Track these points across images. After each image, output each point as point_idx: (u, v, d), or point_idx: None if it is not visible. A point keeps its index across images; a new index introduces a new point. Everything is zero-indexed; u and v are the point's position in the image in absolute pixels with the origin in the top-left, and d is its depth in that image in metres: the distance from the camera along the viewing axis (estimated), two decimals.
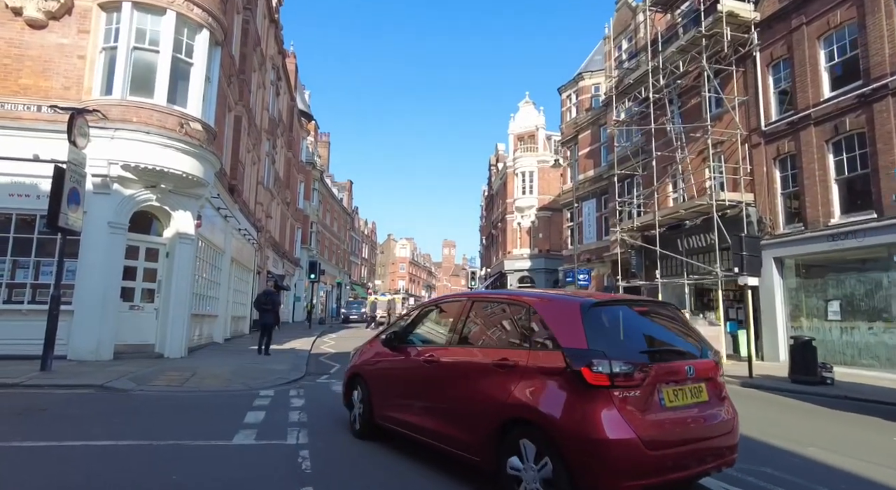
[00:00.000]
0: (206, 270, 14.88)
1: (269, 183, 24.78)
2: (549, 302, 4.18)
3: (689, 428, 3.65)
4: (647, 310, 4.46)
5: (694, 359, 3.92)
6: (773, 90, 15.92)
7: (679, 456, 3.56)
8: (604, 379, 3.42)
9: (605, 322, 3.90)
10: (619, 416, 3.38)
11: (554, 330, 3.82)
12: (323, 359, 14.32)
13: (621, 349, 3.72)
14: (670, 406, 3.62)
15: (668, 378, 3.68)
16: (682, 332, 4.24)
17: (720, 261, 15.97)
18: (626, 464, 3.33)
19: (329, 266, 47.72)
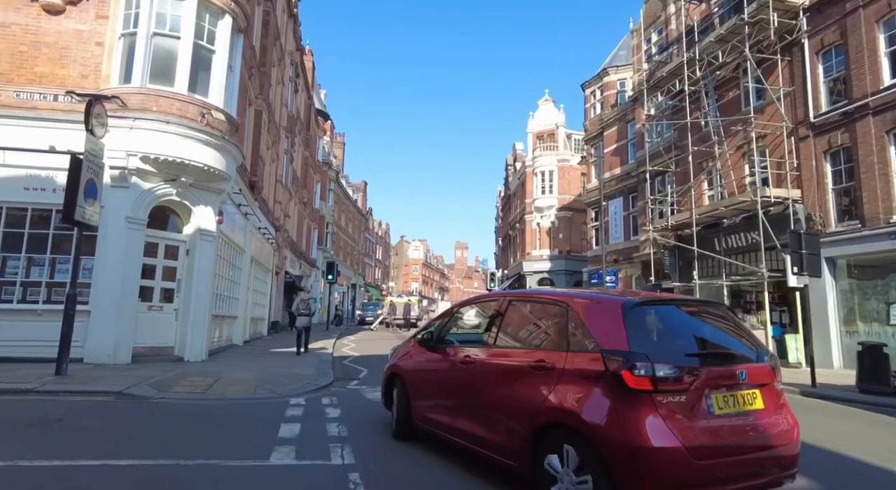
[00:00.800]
0: (225, 269, 14.30)
1: (287, 181, 24.24)
2: (589, 301, 3.93)
3: (741, 437, 3.36)
4: (696, 310, 4.20)
5: (747, 363, 3.64)
6: (823, 79, 14.99)
7: (730, 467, 3.27)
8: (646, 383, 3.21)
9: (648, 323, 3.69)
10: (662, 423, 3.16)
11: (593, 331, 3.62)
12: (347, 363, 13.64)
13: (665, 352, 3.47)
14: (720, 413, 3.35)
15: (717, 383, 3.41)
16: (735, 334, 3.95)
17: (765, 260, 15.03)
18: (669, 474, 3.11)
19: (344, 267, 47.20)
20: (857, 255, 13.84)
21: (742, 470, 3.32)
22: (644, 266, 22.90)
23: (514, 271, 41.18)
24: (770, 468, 3.43)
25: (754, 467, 3.38)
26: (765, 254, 15.52)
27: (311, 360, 12.81)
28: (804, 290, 14.80)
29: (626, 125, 26.22)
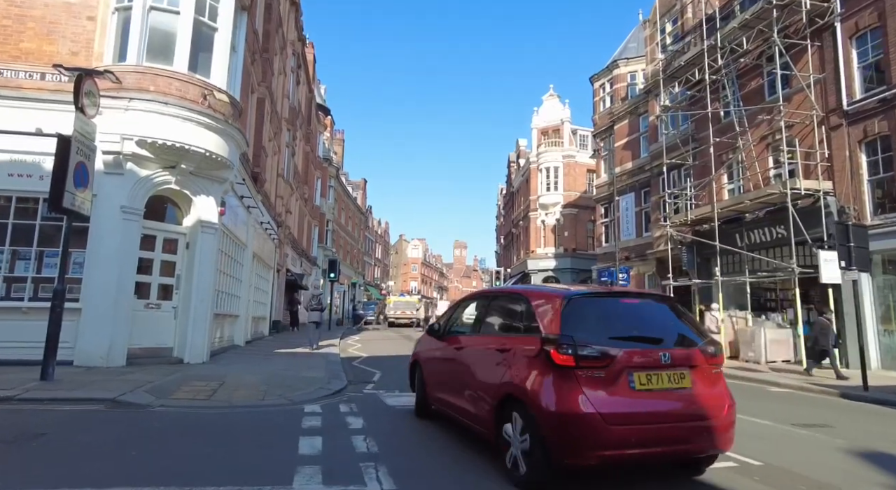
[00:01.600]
0: (227, 265, 13.46)
1: (288, 176, 23.40)
2: (540, 295, 4.61)
3: (662, 410, 3.87)
4: (637, 302, 4.73)
5: (674, 347, 4.14)
6: (858, 65, 14.24)
7: (647, 434, 3.78)
8: (570, 360, 3.83)
9: (583, 312, 4.24)
10: (582, 394, 3.75)
11: (539, 319, 4.29)
12: (357, 364, 12.83)
13: (592, 335, 4.00)
14: (642, 388, 3.88)
15: (639, 363, 3.94)
16: (671, 323, 4.45)
17: (795, 256, 14.28)
18: (585, 436, 3.69)
19: (344, 266, 46.31)
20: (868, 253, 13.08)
21: (660, 437, 3.84)
22: (659, 263, 22.16)
23: (519, 269, 40.42)
24: (694, 439, 3.94)
25: (675, 436, 3.88)
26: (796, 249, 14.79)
27: (319, 361, 12.00)
28: (838, 287, 14.18)
29: (637, 118, 25.47)
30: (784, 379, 11.27)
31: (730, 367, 13.47)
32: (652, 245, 22.69)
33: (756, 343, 15.19)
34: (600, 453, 3.71)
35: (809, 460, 4.88)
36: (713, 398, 4.05)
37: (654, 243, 22.40)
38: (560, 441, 3.76)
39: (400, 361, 13.23)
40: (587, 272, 36.61)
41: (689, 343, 4.23)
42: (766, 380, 11.26)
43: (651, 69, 23.34)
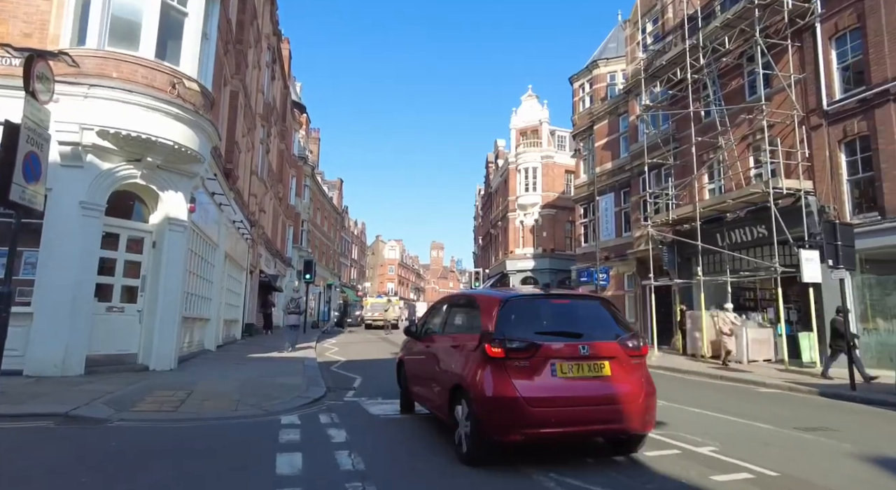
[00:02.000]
0: (197, 266, 12.76)
1: (262, 174, 22.63)
2: (485, 297, 5.33)
3: (576, 395, 4.44)
4: (568, 302, 5.35)
5: (594, 341, 4.65)
6: (837, 65, 14.34)
7: (564, 415, 4.36)
8: (500, 353, 4.44)
9: (517, 312, 4.89)
10: (508, 381, 4.37)
11: (482, 318, 4.92)
12: (335, 369, 12.29)
13: (521, 331, 4.59)
14: (563, 376, 4.46)
15: (560, 354, 4.51)
16: (597, 320, 5.00)
17: (777, 255, 14.28)
18: (508, 416, 4.30)
19: (320, 267, 45.40)
20: (876, 249, 13.17)
21: (578, 418, 4.43)
22: (639, 263, 22.13)
23: (497, 270, 40.21)
24: (611, 421, 4.49)
25: (592, 417, 4.46)
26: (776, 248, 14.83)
27: (295, 366, 11.42)
28: (818, 286, 14.23)
29: (617, 118, 25.48)
30: (770, 379, 11.17)
31: (713, 368, 13.38)
32: (632, 245, 22.67)
33: (738, 343, 15.16)
34: (524, 432, 4.34)
35: (824, 469, 4.62)
36: (630, 386, 4.59)
37: (635, 243, 22.38)
38: (490, 421, 4.38)
39: (380, 366, 12.78)
40: (566, 272, 36.60)
41: (610, 337, 4.79)
42: (752, 380, 11.14)
43: (632, 69, 23.34)
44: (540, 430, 4.33)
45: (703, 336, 16.22)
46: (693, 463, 4.61)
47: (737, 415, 7.10)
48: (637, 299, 22.58)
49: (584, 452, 5.00)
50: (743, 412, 7.32)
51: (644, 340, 5.01)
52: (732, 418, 6.86)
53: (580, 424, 4.46)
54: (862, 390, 9.64)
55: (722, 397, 9.05)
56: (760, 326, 15.73)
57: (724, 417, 6.93)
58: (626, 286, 24.16)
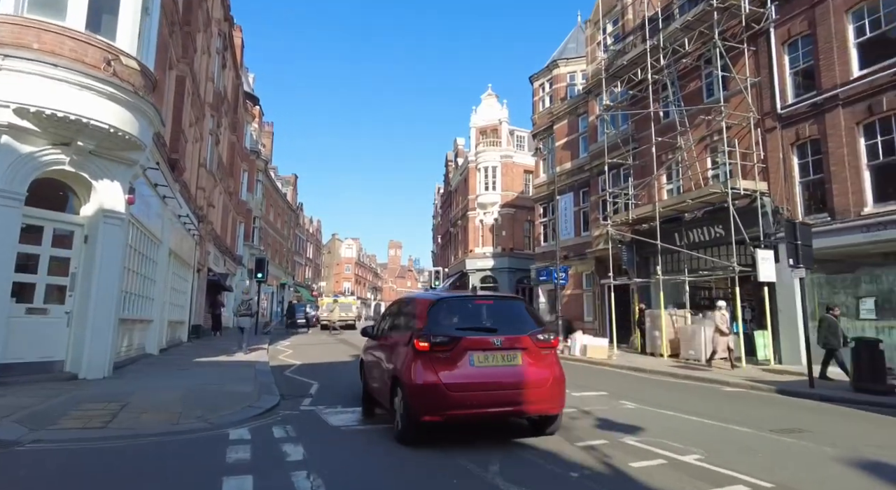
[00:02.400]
0: (138, 263, 11.73)
1: (211, 166, 21.39)
2: (419, 300, 6.14)
3: (490, 380, 5.20)
4: (489, 303, 6.12)
5: (507, 334, 5.39)
6: (790, 70, 14.73)
7: (480, 398, 5.15)
8: (426, 347, 5.23)
9: (443, 312, 5.68)
10: (433, 370, 5.14)
11: (416, 317, 5.66)
12: (290, 374, 11.56)
13: (444, 328, 5.38)
14: (479, 365, 5.24)
15: (476, 346, 5.28)
16: (513, 317, 5.77)
17: (736, 255, 14.55)
18: (432, 399, 5.09)
19: (273, 266, 43.84)
20: (826, 249, 13.53)
21: (492, 400, 5.13)
22: (598, 262, 22.29)
23: (457, 269, 39.92)
24: (522, 403, 5.21)
25: (505, 400, 5.17)
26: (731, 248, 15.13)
27: (246, 371, 10.64)
28: (772, 285, 14.59)
29: (577, 118, 25.60)
30: (732, 378, 11.26)
31: (674, 367, 13.45)
32: (591, 244, 22.80)
33: (696, 341, 15.36)
34: (445, 412, 5.06)
35: (817, 478, 4.43)
36: (540, 373, 5.35)
37: (594, 242, 22.52)
38: (417, 404, 5.09)
39: (338, 370, 12.13)
40: (525, 272, 36.70)
41: (523, 331, 5.52)
42: (715, 379, 11.20)
43: (592, 69, 23.47)
44: (459, 411, 5.11)
45: (662, 335, 16.37)
46: (684, 475, 4.32)
47: (710, 417, 6.96)
48: (595, 298, 22.73)
49: (569, 466, 4.63)
50: (714, 414, 7.19)
51: (555, 334, 6.04)
52: (707, 421, 6.70)
53: (494, 406, 5.22)
54: (820, 388, 9.80)
55: (690, 398, 8.97)
56: None
57: (698, 420, 6.76)
58: (585, 285, 24.30)
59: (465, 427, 5.79)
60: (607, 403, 7.88)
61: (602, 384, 10.20)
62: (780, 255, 14.46)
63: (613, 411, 7.20)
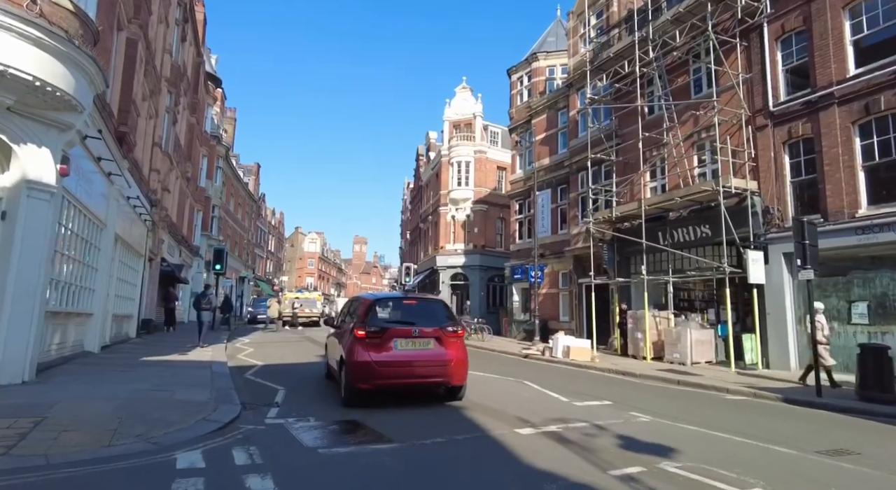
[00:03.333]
0: (76, 248, 10.21)
1: (167, 147, 19.63)
2: (364, 299, 8.23)
3: (409, 359, 7.23)
4: (415, 303, 8.36)
5: (423, 326, 7.46)
6: (783, 67, 14.33)
7: (399, 372, 7.17)
8: (363, 335, 7.16)
9: (378, 309, 7.77)
10: (367, 352, 7.06)
11: (360, 313, 7.68)
12: (251, 376, 10.29)
13: (377, 322, 7.44)
14: (401, 349, 7.23)
15: (400, 335, 7.29)
16: (431, 314, 7.86)
17: (727, 255, 14.05)
18: (365, 372, 7.01)
19: (232, 258, 41.72)
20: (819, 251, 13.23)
21: (409, 374, 7.23)
22: (576, 261, 21.69)
23: (427, 266, 38.88)
24: (433, 376, 7.36)
25: (420, 374, 7.29)
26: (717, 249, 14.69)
27: (201, 373, 9.33)
28: (760, 287, 14.19)
29: (556, 113, 24.94)
30: (731, 384, 10.65)
31: (663, 371, 12.79)
32: (569, 242, 22.17)
33: (682, 344, 14.85)
34: (374, 383, 7.02)
35: None
36: (447, 356, 7.33)
37: (572, 241, 21.89)
38: (354, 376, 7.05)
39: (306, 371, 10.96)
40: (497, 269, 35.96)
41: (437, 324, 7.51)
42: (712, 385, 10.57)
43: (574, 62, 22.82)
44: (384, 381, 7.08)
45: (646, 337, 15.80)
46: None
47: (737, 433, 6.19)
48: (573, 297, 22.11)
49: None
50: (738, 429, 6.43)
51: (462, 327, 8.09)
52: (737, 438, 5.91)
53: (411, 378, 7.25)
54: (827, 396, 9.26)
55: (699, 408, 8.24)
56: (703, 327, 15.54)
57: (728, 438, 5.97)
58: (561, 284, 23.68)
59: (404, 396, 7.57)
60: (619, 416, 7.04)
61: (600, 391, 9.39)
62: (770, 257, 14.17)
63: (629, 426, 6.34)
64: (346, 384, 7.15)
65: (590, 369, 13.64)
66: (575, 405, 7.78)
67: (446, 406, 7.48)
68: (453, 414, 7.00)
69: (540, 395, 8.75)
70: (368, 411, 6.83)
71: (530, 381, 10.28)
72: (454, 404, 7.58)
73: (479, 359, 15.49)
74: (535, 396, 8.57)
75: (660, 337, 16.16)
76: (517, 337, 25.30)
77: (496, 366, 13.49)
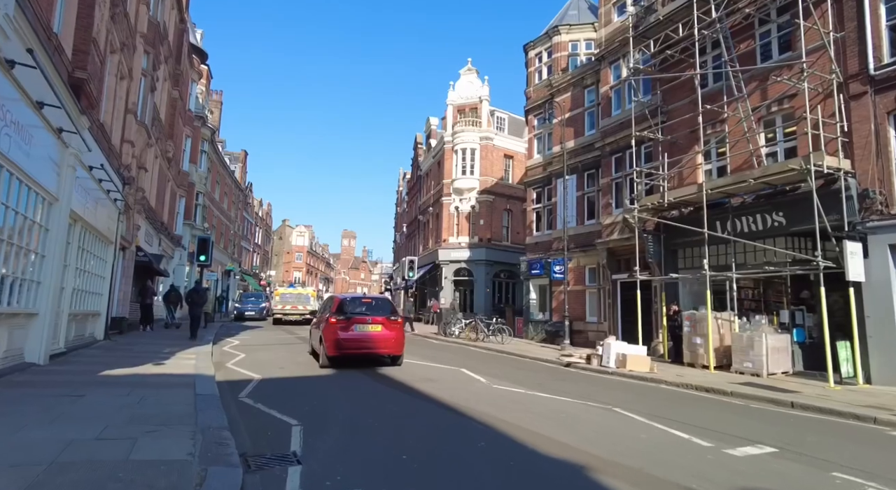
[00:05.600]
0: (7, 224, 7.52)
1: (144, 117, 16.81)
2: (336, 298, 12.49)
3: (365, 337, 11.38)
4: (369, 300, 12.62)
5: (374, 316, 11.64)
6: (886, 22, 12.05)
7: (357, 345, 11.29)
8: (334, 321, 11.28)
9: (347, 304, 11.97)
10: (337, 331, 11.19)
11: (333, 307, 11.83)
12: (247, 398, 7.72)
13: (344, 313, 11.51)
14: (359, 331, 11.34)
15: (359, 321, 11.40)
16: (381, 307, 12.11)
17: (803, 248, 11.72)
18: (336, 345, 11.14)
19: (217, 250, 38.70)
20: None
21: (364, 346, 11.37)
22: (610, 254, 19.32)
23: (427, 260, 36.35)
24: (380, 348, 11.55)
25: (372, 347, 11.46)
26: (792, 240, 12.42)
27: (180, 398, 6.73)
28: (857, 286, 11.94)
29: (582, 91, 22.54)
30: (862, 409, 8.31)
31: (743, 384, 10.21)
32: (600, 234, 19.80)
33: (756, 352, 12.55)
34: (341, 352, 11.15)
35: None
36: (390, 335, 11.60)
37: (604, 231, 19.52)
38: (328, 347, 11.18)
39: (318, 388, 8.44)
40: (503, 265, 33.61)
41: (384, 314, 11.80)
42: (841, 410, 8.22)
43: (607, 32, 20.42)
44: (347, 351, 11.20)
45: (708, 342, 13.48)
46: None
47: None
48: (606, 295, 19.74)
49: None
50: None
51: (400, 316, 12.46)
52: None
53: (365, 349, 11.37)
54: None
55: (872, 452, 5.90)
56: (777, 332, 13.26)
57: None
58: (588, 281, 21.33)
59: None
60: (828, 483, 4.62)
61: (728, 424, 6.98)
62: (870, 249, 11.91)
63: None
64: (323, 353, 11.36)
65: (658, 383, 11.26)
66: (733, 456, 5.34)
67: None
68: None
69: (659, 435, 6.24)
70: None
71: (618, 407, 7.83)
72: None
73: (510, 367, 13.04)
74: (656, 439, 6.07)
75: (721, 342, 13.87)
76: (535, 338, 22.92)
77: (541, 379, 11.05)
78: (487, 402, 7.78)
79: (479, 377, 10.71)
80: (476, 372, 11.49)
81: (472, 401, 7.87)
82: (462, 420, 6.66)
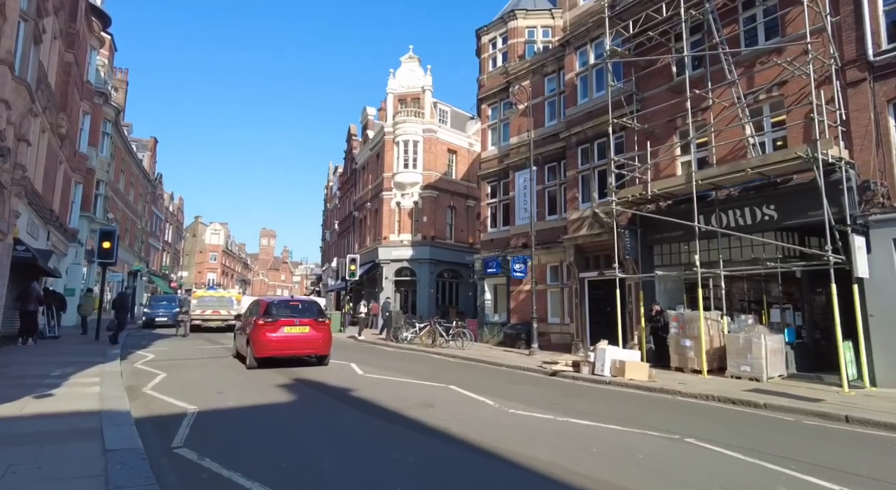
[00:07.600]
0: None
1: (25, 74, 13.26)
2: (264, 301, 13.37)
3: (293, 338, 11.98)
4: (298, 304, 13.43)
5: (302, 317, 12.39)
6: (884, 7, 11.57)
7: (285, 346, 11.88)
8: (262, 323, 11.75)
9: (275, 306, 12.71)
10: (265, 332, 11.69)
11: (261, 309, 12.40)
12: (187, 451, 5.30)
13: (272, 315, 12.06)
14: (287, 332, 11.95)
15: (286, 323, 12.02)
16: (308, 309, 12.93)
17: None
18: (263, 347, 11.62)
19: (122, 248, 33.78)
20: None
21: (292, 347, 12.00)
22: (578, 251, 18.12)
23: (367, 259, 33.83)
24: (308, 349, 12.33)
25: (300, 347, 12.16)
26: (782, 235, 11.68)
27: (74, 460, 4.25)
28: (860, 283, 11.33)
29: (542, 79, 21.27)
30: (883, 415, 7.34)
31: (752, 391, 9.03)
32: (566, 230, 18.57)
33: (754, 354, 11.65)
34: (269, 353, 11.64)
35: None
36: (317, 336, 12.28)
37: (571, 227, 18.31)
38: (256, 349, 11.56)
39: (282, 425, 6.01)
40: (447, 264, 31.93)
41: (311, 316, 12.51)
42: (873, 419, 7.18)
43: (572, 16, 19.26)
44: (276, 352, 11.73)
45: (700, 345, 12.46)
46: None
47: None
48: (573, 295, 18.49)
49: None
50: None
51: (327, 317, 13.48)
52: None
53: (293, 350, 11.99)
54: None
55: None
56: (772, 333, 12.47)
57: None
58: (550, 279, 20.04)
59: None
60: None
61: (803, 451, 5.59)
62: (872, 244, 11.33)
63: None
64: (250, 355, 11.69)
65: (672, 394, 9.90)
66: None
67: None
68: None
69: (797, 485, 4.69)
70: None
71: (689, 438, 6.20)
72: None
73: (499, 380, 11.23)
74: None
75: (712, 344, 12.94)
76: (491, 342, 21.33)
77: (549, 396, 9.32)
78: (528, 442, 5.84)
79: (482, 398, 8.69)
80: (469, 390, 9.48)
81: (506, 440, 5.91)
82: (523, 475, 4.73)
